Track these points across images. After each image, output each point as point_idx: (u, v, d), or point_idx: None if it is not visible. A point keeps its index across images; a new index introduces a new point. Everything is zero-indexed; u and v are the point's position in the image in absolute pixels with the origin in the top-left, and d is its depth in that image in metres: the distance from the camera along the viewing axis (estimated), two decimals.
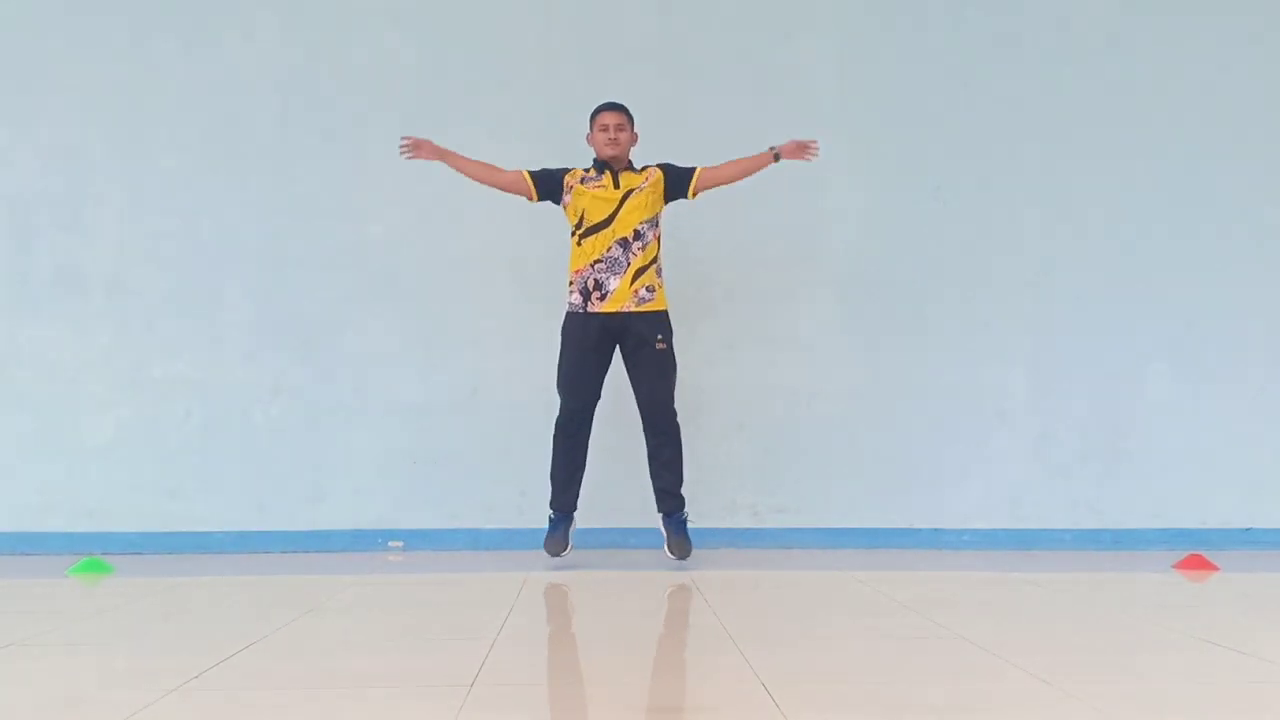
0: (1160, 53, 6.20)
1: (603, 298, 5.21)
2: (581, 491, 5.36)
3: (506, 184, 5.35)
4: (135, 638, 3.80)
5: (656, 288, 5.26)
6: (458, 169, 5.38)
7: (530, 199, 5.36)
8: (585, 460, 5.33)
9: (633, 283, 5.20)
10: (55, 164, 5.97)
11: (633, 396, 5.33)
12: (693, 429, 5.59)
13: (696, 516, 5.90)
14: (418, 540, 5.91)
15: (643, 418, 5.31)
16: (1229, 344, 6.15)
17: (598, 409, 5.34)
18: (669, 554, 5.29)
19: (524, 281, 6.00)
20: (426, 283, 6.02)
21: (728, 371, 6.03)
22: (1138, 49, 6.20)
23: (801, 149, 5.35)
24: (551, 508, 5.33)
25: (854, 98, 6.16)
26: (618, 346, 5.29)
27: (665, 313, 5.28)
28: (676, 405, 5.32)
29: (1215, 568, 5.32)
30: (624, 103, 5.33)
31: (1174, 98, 6.19)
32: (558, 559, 5.31)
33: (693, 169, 5.32)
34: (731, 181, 5.37)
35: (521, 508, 5.90)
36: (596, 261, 5.21)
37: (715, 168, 5.33)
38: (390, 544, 5.91)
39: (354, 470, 5.95)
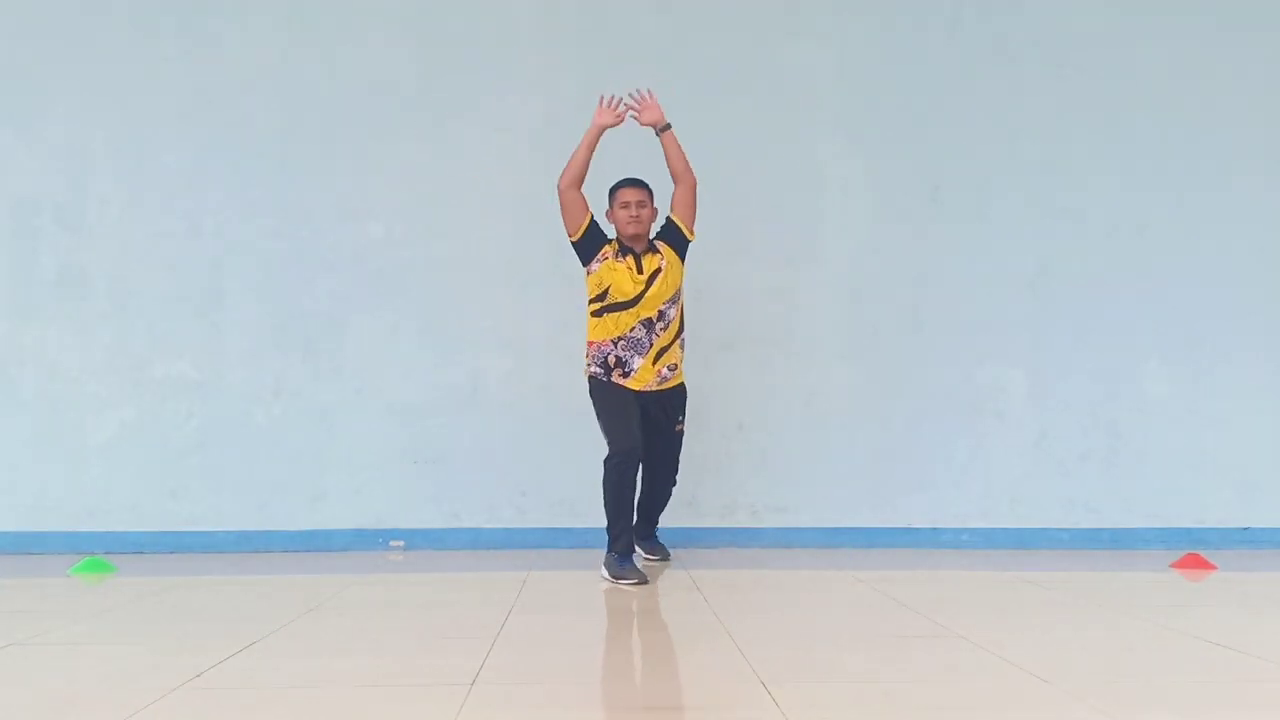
0: (1159, 53, 6.22)
1: (625, 375, 5.07)
2: (581, 491, 5.38)
3: (576, 198, 5.04)
4: (137, 637, 3.81)
5: (678, 364, 5.17)
6: (591, 146, 5.04)
7: (571, 235, 5.07)
8: (635, 497, 5.15)
9: (655, 362, 5.08)
10: (57, 165, 5.98)
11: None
12: (693, 429, 5.59)
13: (696, 516, 5.95)
14: (418, 540, 5.92)
15: (644, 480, 5.22)
16: (1227, 344, 6.16)
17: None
18: (649, 558, 5.39)
19: (524, 282, 6.02)
20: (426, 283, 6.03)
21: (727, 372, 6.05)
22: (1136, 50, 6.22)
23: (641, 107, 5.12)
24: (614, 550, 4.95)
25: (854, 98, 6.17)
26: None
27: (683, 385, 5.23)
28: None
29: (1213, 567, 5.34)
30: (643, 178, 5.13)
31: (1173, 98, 6.21)
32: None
33: (669, 219, 5.13)
34: (681, 170, 5.09)
35: (522, 508, 5.92)
36: (619, 339, 5.06)
37: (675, 192, 5.12)
38: (391, 543, 5.92)
39: (355, 470, 5.97)
